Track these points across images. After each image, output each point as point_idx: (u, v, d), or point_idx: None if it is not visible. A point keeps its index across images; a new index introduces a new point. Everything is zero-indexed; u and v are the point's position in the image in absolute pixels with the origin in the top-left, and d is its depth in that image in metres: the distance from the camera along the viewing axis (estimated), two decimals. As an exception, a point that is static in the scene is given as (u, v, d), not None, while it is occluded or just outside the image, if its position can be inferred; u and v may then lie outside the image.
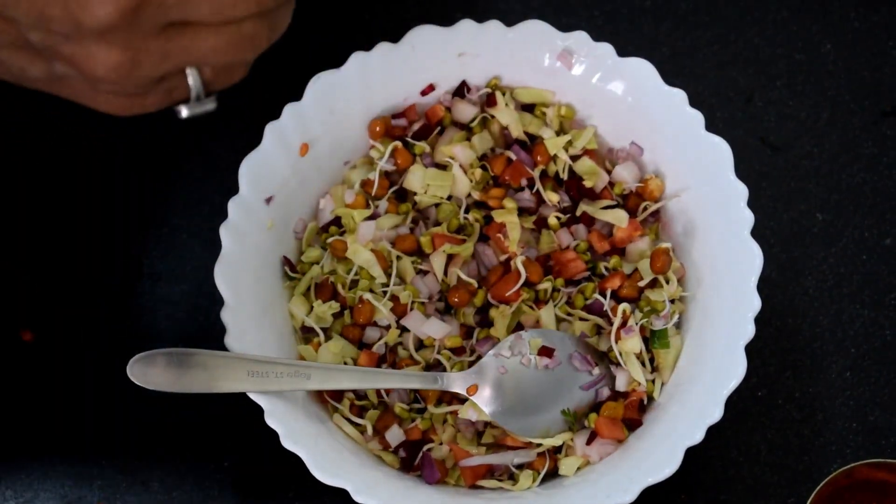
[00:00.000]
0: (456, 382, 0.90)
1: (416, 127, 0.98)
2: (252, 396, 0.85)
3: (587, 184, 0.97)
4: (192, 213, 1.02)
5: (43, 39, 0.58)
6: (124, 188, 1.03)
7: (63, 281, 1.00)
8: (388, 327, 0.93)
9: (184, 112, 0.65)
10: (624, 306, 0.92)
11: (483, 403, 0.90)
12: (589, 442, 0.90)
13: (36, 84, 0.63)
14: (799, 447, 0.96)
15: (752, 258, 0.89)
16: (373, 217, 0.96)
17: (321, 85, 0.94)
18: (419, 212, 0.97)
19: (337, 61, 0.94)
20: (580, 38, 0.96)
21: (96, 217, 1.02)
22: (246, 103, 0.98)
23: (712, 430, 0.85)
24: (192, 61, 0.61)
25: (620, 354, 0.91)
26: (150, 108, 0.63)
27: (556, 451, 0.91)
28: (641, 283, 0.93)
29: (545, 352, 0.91)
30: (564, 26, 0.96)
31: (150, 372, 0.84)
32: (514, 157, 0.97)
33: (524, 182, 0.97)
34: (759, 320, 0.87)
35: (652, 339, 0.92)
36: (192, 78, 0.63)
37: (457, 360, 0.92)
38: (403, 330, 0.93)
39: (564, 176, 0.97)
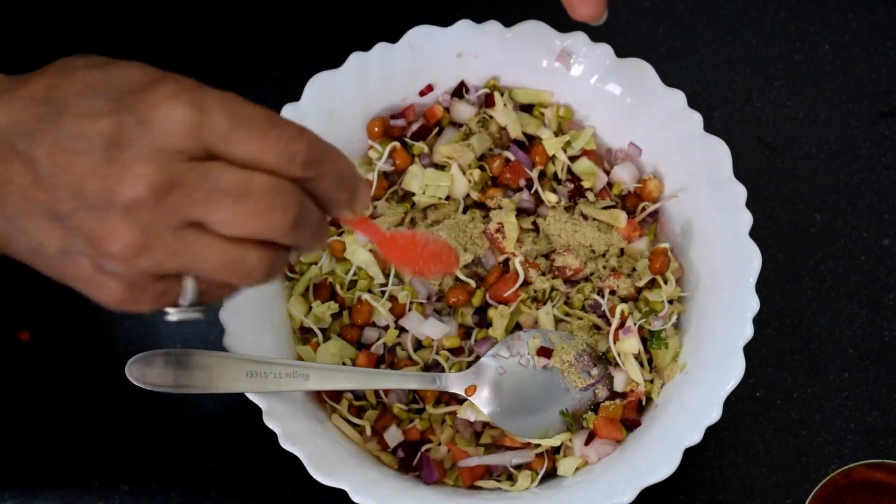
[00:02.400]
0: (454, 383, 0.90)
1: (414, 127, 0.98)
2: (250, 397, 0.85)
3: (586, 184, 0.97)
4: (191, 214, 1.02)
5: (72, 210, 0.62)
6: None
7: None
8: (386, 328, 0.93)
9: (172, 316, 0.68)
10: (622, 307, 0.92)
11: (481, 404, 0.90)
12: (587, 442, 0.90)
13: (46, 262, 0.66)
14: (797, 447, 0.96)
15: (751, 258, 0.89)
16: (371, 217, 0.96)
17: (320, 85, 0.94)
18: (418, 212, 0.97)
19: (336, 61, 0.94)
20: (578, 38, 0.96)
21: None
22: (244, 103, 0.98)
23: (711, 431, 0.85)
24: (193, 268, 0.64)
25: (619, 355, 0.91)
26: (143, 306, 0.66)
27: (555, 451, 0.91)
28: (640, 284, 0.93)
29: (543, 352, 0.91)
30: (563, 27, 0.96)
31: (148, 372, 0.84)
32: (512, 157, 0.97)
33: (523, 182, 0.97)
34: (757, 321, 0.87)
35: (650, 339, 0.92)
36: (189, 285, 0.66)
37: (455, 361, 0.92)
38: (402, 330, 0.93)
39: (563, 176, 0.97)
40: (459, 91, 0.98)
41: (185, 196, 0.61)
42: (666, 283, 0.93)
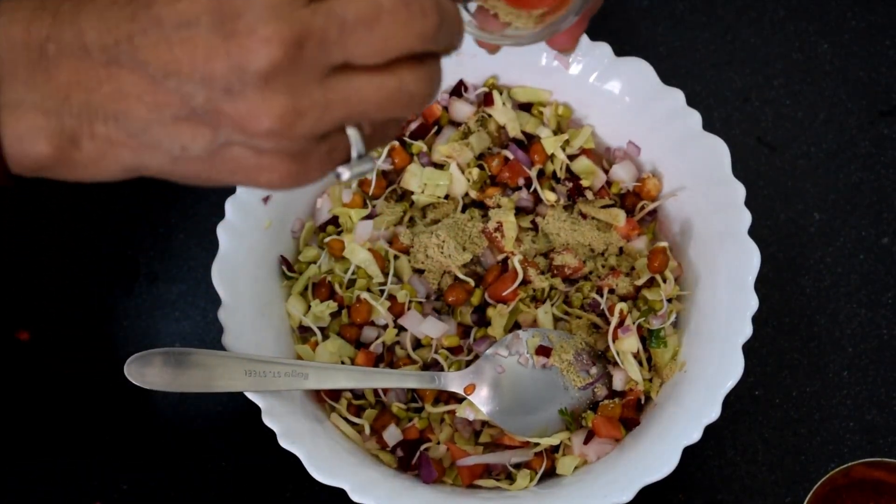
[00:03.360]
0: (453, 382, 0.90)
1: (413, 126, 0.98)
2: (249, 396, 0.85)
3: (584, 183, 0.97)
4: (190, 213, 1.02)
5: (206, 100, 0.57)
6: (121, 187, 1.03)
7: (60, 280, 1.00)
8: (385, 327, 0.93)
9: (345, 174, 0.62)
10: (621, 305, 0.92)
11: (480, 403, 0.90)
12: (586, 441, 0.90)
13: (193, 166, 0.60)
14: (796, 446, 0.96)
15: (750, 257, 0.89)
16: (370, 216, 0.96)
17: (318, 84, 0.94)
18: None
19: (334, 61, 0.94)
20: (577, 37, 0.96)
21: (93, 217, 1.02)
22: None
23: (710, 430, 0.85)
24: (353, 114, 0.59)
25: (618, 354, 0.91)
26: (313, 175, 0.61)
27: (554, 450, 0.91)
28: (639, 283, 0.93)
29: (542, 351, 0.91)
30: (562, 26, 0.95)
31: (147, 371, 0.84)
32: (511, 156, 0.97)
33: (521, 181, 0.97)
34: (756, 320, 0.87)
35: (649, 338, 0.92)
36: (352, 135, 0.61)
37: (454, 360, 0.92)
38: (401, 329, 0.93)
39: (562, 175, 0.97)
40: (458, 90, 0.98)
41: (318, 43, 0.56)
42: (665, 281, 0.93)
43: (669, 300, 0.93)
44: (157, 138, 0.58)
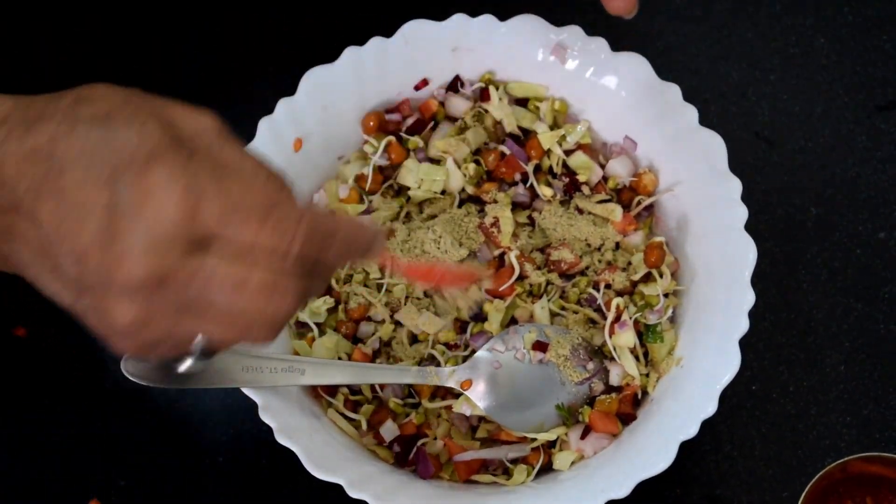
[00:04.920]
0: (450, 377, 0.90)
1: (409, 122, 0.98)
2: (246, 391, 0.85)
3: (581, 178, 0.97)
4: (186, 209, 1.02)
5: (77, 276, 0.63)
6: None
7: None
8: (382, 322, 0.93)
9: (183, 367, 0.68)
10: (618, 301, 0.92)
11: (477, 398, 0.90)
12: (583, 436, 0.90)
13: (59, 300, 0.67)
14: (793, 441, 0.96)
15: (746, 252, 0.89)
16: (366, 212, 0.96)
17: (315, 80, 0.94)
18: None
19: (330, 56, 0.94)
20: (574, 32, 0.96)
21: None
22: (239, 98, 0.98)
23: (706, 425, 0.85)
24: (199, 333, 0.65)
25: (614, 349, 0.91)
26: (153, 360, 0.69)
27: (551, 445, 0.91)
28: (635, 278, 0.93)
29: (539, 346, 0.91)
30: (558, 20, 0.96)
31: (144, 367, 0.84)
32: (507, 151, 0.97)
33: (518, 177, 0.97)
34: (753, 314, 0.87)
35: (646, 333, 0.92)
36: (197, 343, 0.66)
37: (451, 355, 0.92)
38: (397, 325, 0.93)
39: (558, 170, 0.97)
40: (454, 85, 0.98)
41: (180, 286, 0.62)
42: (661, 276, 0.93)
43: (666, 295, 0.93)
44: (37, 277, 0.65)
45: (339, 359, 0.92)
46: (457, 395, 0.91)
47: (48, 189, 0.62)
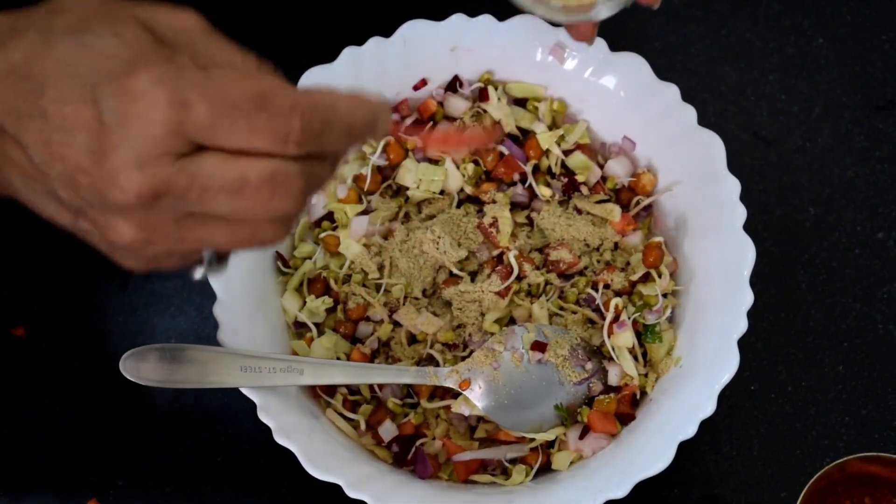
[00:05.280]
0: (449, 377, 0.90)
1: (408, 121, 0.98)
2: (245, 391, 0.85)
3: (580, 178, 0.97)
4: (185, 209, 1.02)
5: (71, 199, 0.61)
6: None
7: (55, 276, 1.00)
8: (380, 322, 0.93)
9: (197, 275, 0.66)
10: (616, 301, 0.92)
11: (476, 398, 0.90)
12: (582, 436, 0.90)
13: (63, 225, 0.65)
14: (792, 441, 0.96)
15: (745, 252, 0.89)
16: (365, 212, 0.96)
17: (314, 80, 0.94)
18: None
19: (329, 56, 0.94)
20: (572, 32, 0.96)
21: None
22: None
23: (705, 425, 0.85)
24: (204, 246, 0.63)
25: (613, 349, 0.91)
26: (166, 269, 0.65)
27: (549, 445, 0.91)
28: (634, 278, 0.93)
29: (538, 346, 0.91)
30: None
31: (142, 367, 0.84)
32: (506, 151, 0.97)
33: (517, 177, 0.97)
34: (751, 314, 0.87)
35: (644, 333, 0.92)
36: (206, 254, 0.65)
37: (450, 355, 0.92)
38: (396, 325, 0.93)
39: (557, 170, 0.97)
40: (453, 85, 0.98)
41: (176, 198, 0.60)
42: (660, 276, 0.93)
43: (664, 295, 0.93)
44: (32, 200, 0.63)
45: (338, 359, 0.92)
46: (455, 395, 0.91)
47: (29, 110, 0.59)
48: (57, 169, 0.60)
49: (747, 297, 0.88)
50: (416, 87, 0.98)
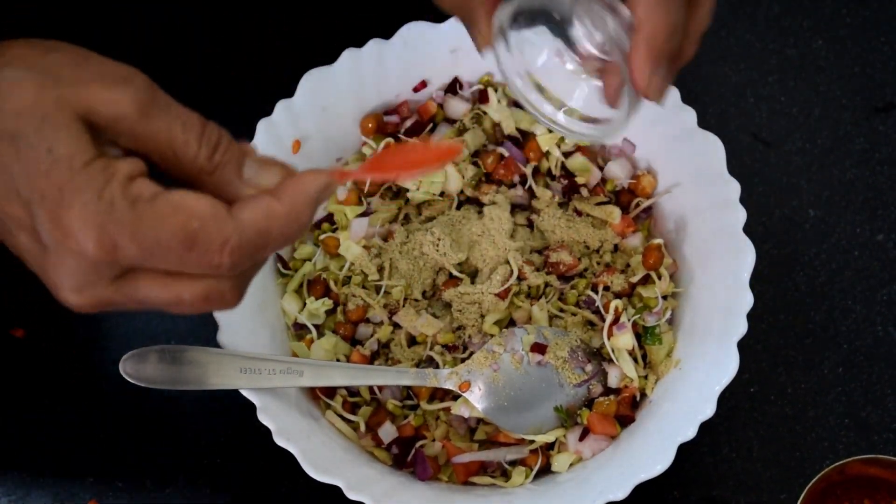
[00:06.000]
0: (448, 379, 0.90)
1: (408, 123, 0.98)
2: (244, 393, 0.85)
3: (579, 180, 0.97)
4: (184, 210, 1.02)
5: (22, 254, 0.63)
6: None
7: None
8: (380, 324, 0.93)
9: None
10: (616, 303, 0.92)
11: (475, 400, 0.90)
12: (581, 438, 0.90)
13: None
14: (791, 443, 0.96)
15: (745, 254, 0.89)
16: (365, 214, 0.96)
17: (313, 81, 0.94)
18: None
19: (329, 57, 0.94)
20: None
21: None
22: (238, 99, 0.98)
23: (705, 427, 0.85)
24: (146, 306, 0.64)
25: (613, 351, 0.91)
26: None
27: (549, 447, 0.91)
28: (634, 280, 0.93)
29: (537, 348, 0.91)
30: (556, 22, 0.95)
31: (142, 368, 0.84)
32: (506, 153, 0.97)
33: (517, 178, 0.97)
34: (751, 316, 0.87)
35: (644, 335, 0.92)
36: None
37: (449, 357, 0.92)
38: (396, 326, 0.93)
39: (557, 172, 0.97)
40: (453, 87, 0.98)
41: (120, 305, 0.62)
42: (660, 278, 0.93)
43: (664, 297, 0.93)
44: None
45: (338, 360, 0.92)
46: (455, 397, 0.91)
47: None
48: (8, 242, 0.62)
49: (747, 299, 0.88)
50: (415, 89, 0.98)
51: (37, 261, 0.62)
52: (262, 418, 0.84)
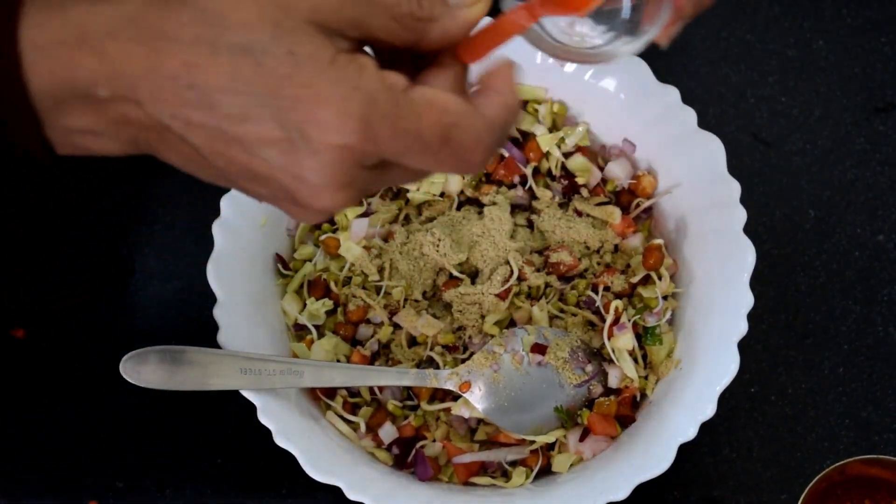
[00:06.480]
0: (449, 380, 0.90)
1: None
2: (245, 394, 0.85)
3: (580, 180, 0.97)
4: (185, 211, 1.02)
5: (254, 190, 0.61)
6: (116, 185, 1.03)
7: (55, 278, 1.00)
8: (380, 324, 0.93)
9: None
10: (617, 303, 0.92)
11: (476, 400, 0.90)
12: (582, 439, 0.90)
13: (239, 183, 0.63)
14: (792, 443, 0.96)
15: (745, 254, 0.89)
16: (365, 214, 0.96)
17: (313, 82, 0.94)
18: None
19: (329, 58, 0.94)
20: (572, 34, 0.96)
21: (88, 214, 1.02)
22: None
23: (705, 427, 0.85)
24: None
25: (613, 351, 0.91)
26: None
27: (549, 448, 0.91)
28: (634, 280, 0.93)
29: (538, 349, 0.91)
30: (557, 23, 0.95)
31: (142, 369, 0.84)
32: (506, 153, 0.97)
33: (517, 179, 0.97)
34: (751, 317, 0.87)
35: (645, 335, 0.92)
36: None
37: (450, 357, 0.92)
38: (396, 327, 0.93)
39: (557, 173, 0.97)
40: (453, 87, 0.98)
41: (367, 187, 0.61)
42: (660, 279, 0.93)
43: (665, 297, 0.93)
44: (185, 170, 0.62)
45: (338, 361, 0.92)
46: (455, 398, 0.91)
47: (201, 121, 0.57)
48: (234, 171, 0.59)
49: (747, 300, 0.88)
50: (416, 89, 0.98)
51: (289, 172, 0.58)
52: (263, 419, 0.84)
